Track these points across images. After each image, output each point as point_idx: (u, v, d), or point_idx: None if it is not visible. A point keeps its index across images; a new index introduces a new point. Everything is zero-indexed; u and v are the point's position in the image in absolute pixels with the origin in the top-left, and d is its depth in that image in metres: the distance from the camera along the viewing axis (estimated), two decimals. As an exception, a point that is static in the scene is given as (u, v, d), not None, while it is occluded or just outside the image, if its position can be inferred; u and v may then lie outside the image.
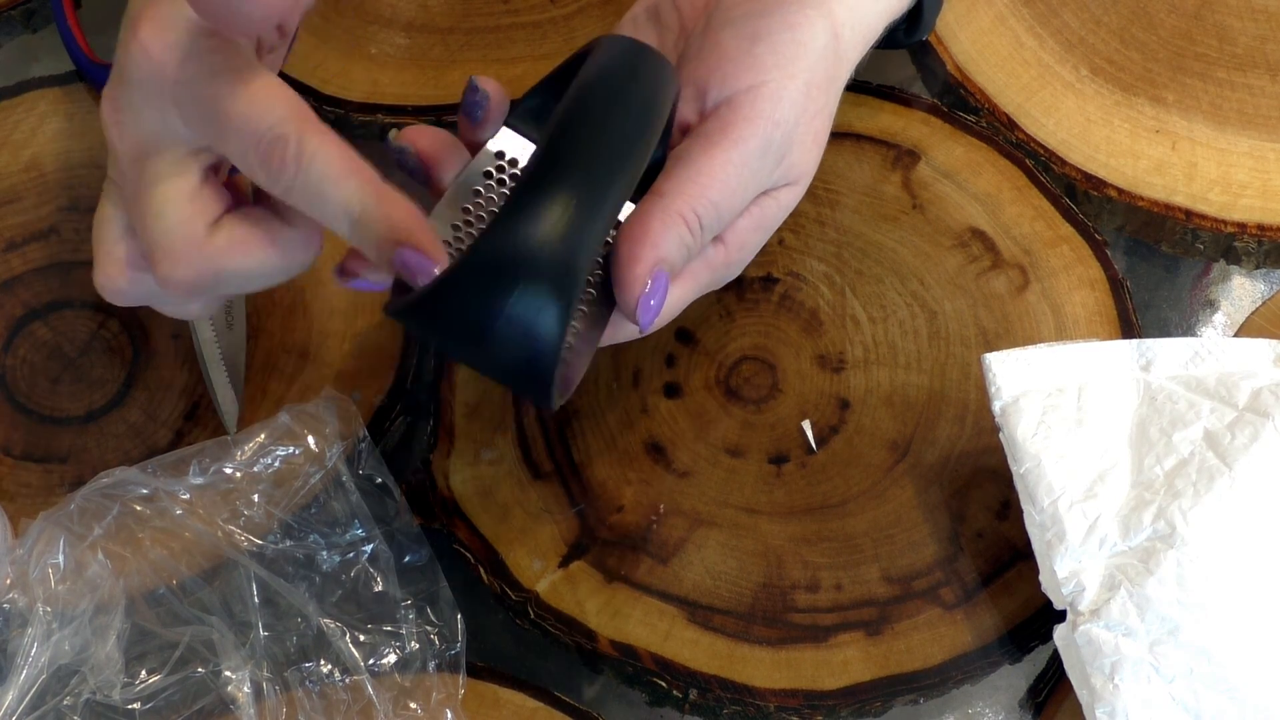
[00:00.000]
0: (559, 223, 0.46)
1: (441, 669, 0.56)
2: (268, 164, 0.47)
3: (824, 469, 0.60)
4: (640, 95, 0.49)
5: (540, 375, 0.47)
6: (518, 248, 0.46)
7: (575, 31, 0.70)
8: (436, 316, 0.47)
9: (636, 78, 0.49)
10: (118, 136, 0.49)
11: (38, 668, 0.54)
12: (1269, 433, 0.54)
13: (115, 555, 0.56)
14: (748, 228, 0.56)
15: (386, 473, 0.59)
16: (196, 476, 0.57)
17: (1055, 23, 0.70)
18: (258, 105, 0.47)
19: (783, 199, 0.57)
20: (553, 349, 0.46)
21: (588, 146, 0.47)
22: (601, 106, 0.48)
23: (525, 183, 0.46)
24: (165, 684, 0.55)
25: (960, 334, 0.63)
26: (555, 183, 0.46)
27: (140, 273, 0.52)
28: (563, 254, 0.46)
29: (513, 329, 0.46)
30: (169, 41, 0.47)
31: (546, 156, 0.47)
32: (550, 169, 0.47)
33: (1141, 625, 0.52)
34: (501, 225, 0.46)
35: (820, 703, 0.55)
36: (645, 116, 0.49)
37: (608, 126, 0.48)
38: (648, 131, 0.49)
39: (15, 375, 0.63)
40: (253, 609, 0.56)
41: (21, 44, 0.73)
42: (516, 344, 0.46)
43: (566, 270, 0.46)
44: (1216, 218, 0.65)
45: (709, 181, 0.52)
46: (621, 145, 0.48)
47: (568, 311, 0.46)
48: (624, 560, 0.58)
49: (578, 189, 0.46)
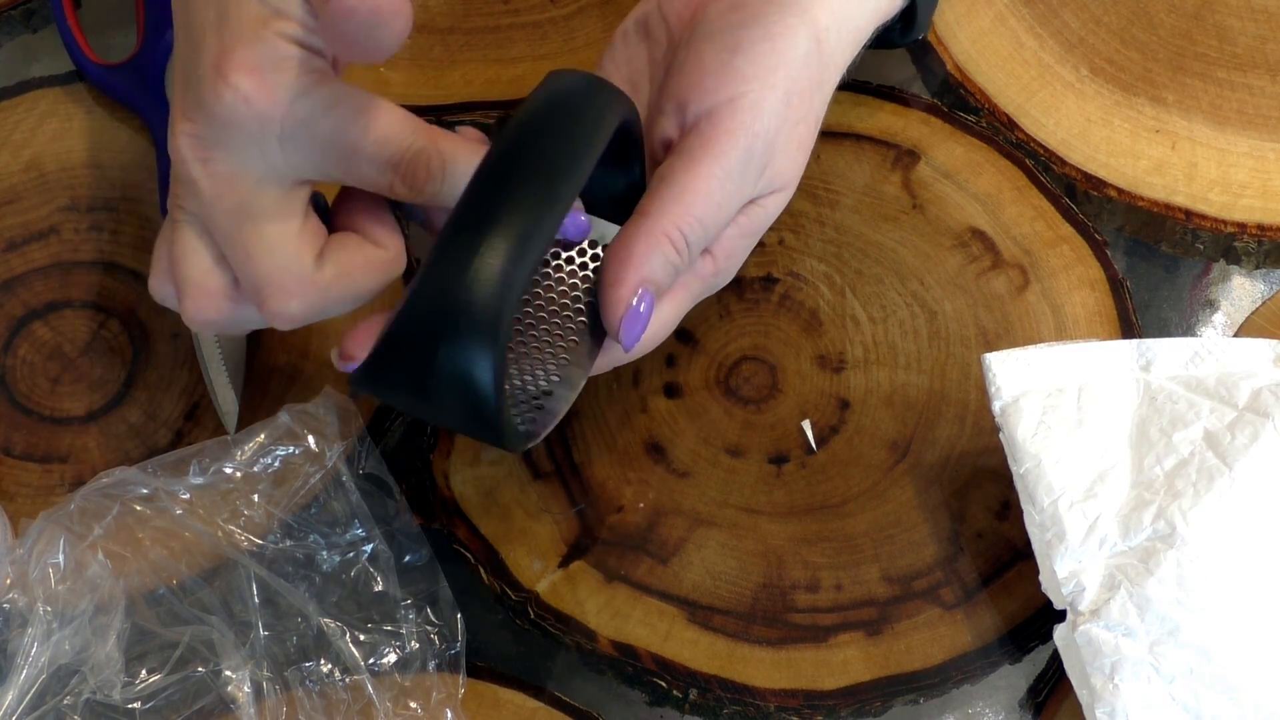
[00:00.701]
0: (479, 272, 0.45)
1: (441, 669, 0.56)
2: (413, 179, 0.50)
3: (824, 469, 0.60)
4: (561, 129, 0.48)
5: (487, 422, 0.48)
6: (439, 302, 0.46)
7: (575, 31, 0.71)
8: (382, 381, 0.48)
9: (559, 110, 0.49)
10: (204, 174, 0.49)
11: (38, 667, 0.54)
12: (1269, 433, 0.54)
13: (115, 555, 0.56)
14: (734, 236, 0.56)
15: (386, 472, 0.59)
16: (196, 476, 0.57)
17: (1055, 23, 0.70)
18: (389, 128, 0.49)
19: (769, 206, 0.57)
20: (489, 397, 0.46)
21: (502, 188, 0.47)
22: (515, 148, 0.47)
23: (443, 234, 0.46)
24: (165, 684, 0.55)
25: (960, 334, 0.63)
26: (469, 230, 0.46)
27: (236, 304, 0.52)
28: (484, 303, 0.45)
29: (446, 383, 0.46)
30: (269, 83, 0.47)
31: (461, 206, 0.47)
32: (463, 216, 0.46)
33: (1141, 625, 0.52)
34: (422, 280, 0.46)
35: (820, 703, 0.55)
36: (565, 151, 0.48)
37: (523, 165, 0.47)
38: (571, 165, 0.48)
39: (15, 375, 0.63)
40: (253, 609, 0.56)
41: (21, 44, 0.73)
42: (455, 396, 0.47)
43: (489, 319, 0.46)
44: (1216, 218, 0.65)
45: (692, 199, 0.52)
46: (539, 183, 0.47)
47: (495, 360, 0.46)
48: (624, 560, 0.58)
49: (493, 235, 0.46)
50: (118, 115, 0.69)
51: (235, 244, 0.50)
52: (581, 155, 0.48)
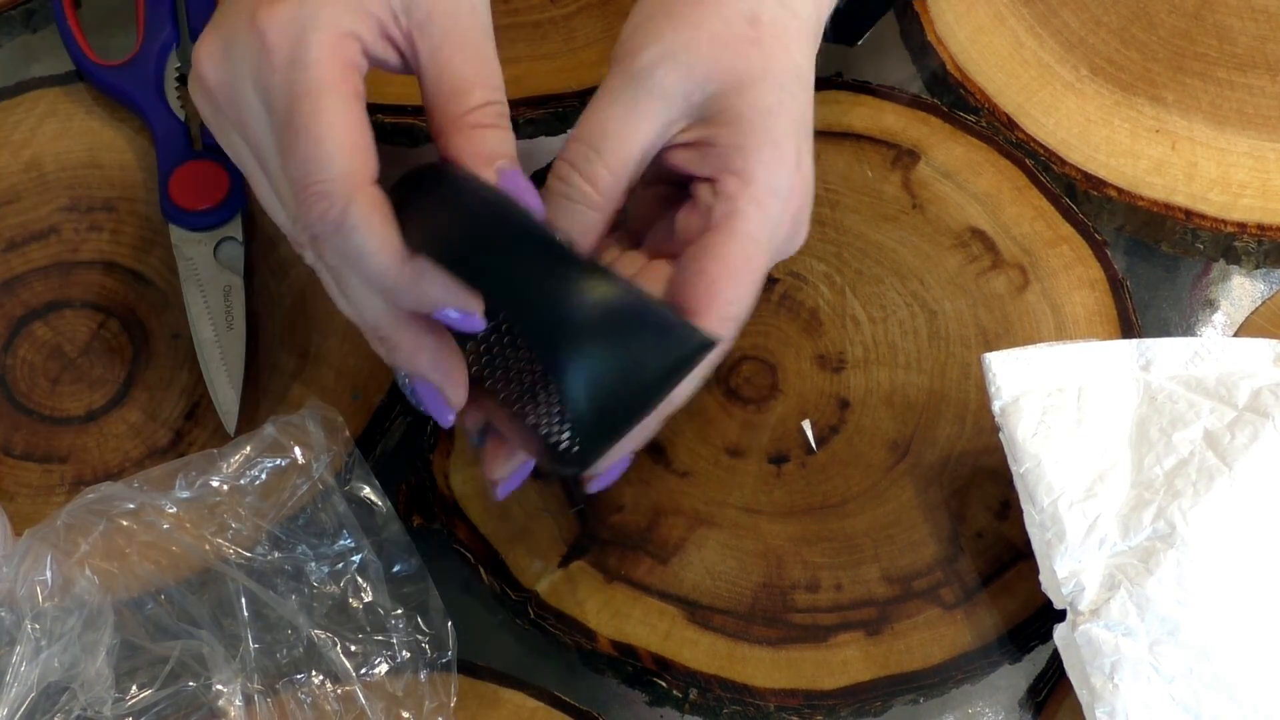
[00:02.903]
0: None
1: (433, 677, 0.56)
2: (304, 210, 0.47)
3: (824, 469, 0.60)
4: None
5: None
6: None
7: (575, 31, 0.71)
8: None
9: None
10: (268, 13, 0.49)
11: (27, 685, 0.53)
12: (1269, 433, 0.54)
13: (103, 571, 0.55)
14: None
15: (374, 482, 0.58)
16: (183, 490, 0.57)
17: (1055, 23, 0.70)
18: (324, 148, 0.47)
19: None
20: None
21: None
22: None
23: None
24: (156, 699, 0.54)
25: (960, 334, 0.63)
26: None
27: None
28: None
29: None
30: (286, 34, 0.47)
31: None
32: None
33: (1141, 625, 0.52)
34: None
35: (820, 703, 0.55)
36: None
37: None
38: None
39: (15, 375, 0.63)
40: (242, 622, 0.55)
41: (21, 44, 0.73)
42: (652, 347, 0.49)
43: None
44: (1216, 218, 0.65)
45: (733, 294, 0.52)
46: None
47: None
48: (624, 560, 0.58)
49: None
50: (118, 115, 0.69)
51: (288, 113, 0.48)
52: None
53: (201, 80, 0.50)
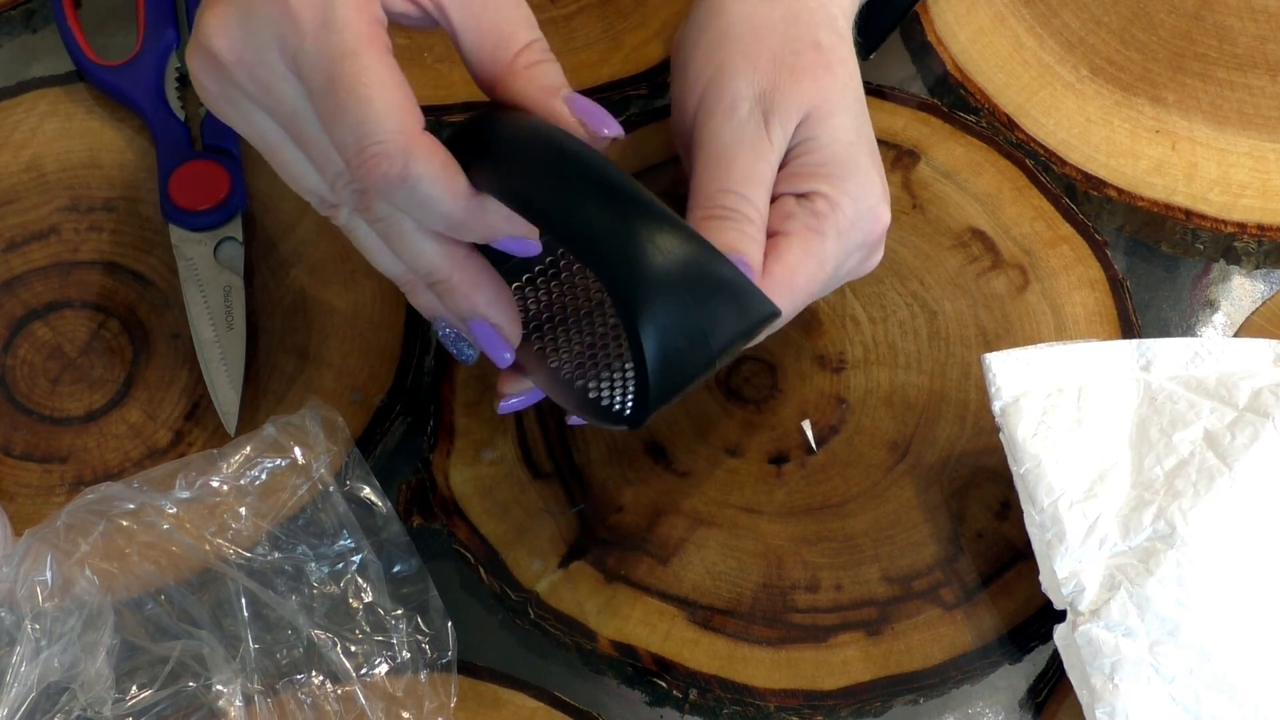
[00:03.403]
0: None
1: (433, 677, 0.56)
2: (365, 171, 0.47)
3: (824, 469, 0.60)
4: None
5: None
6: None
7: (575, 31, 0.71)
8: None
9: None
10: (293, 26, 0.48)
11: (27, 686, 0.53)
12: (1269, 433, 0.54)
13: (103, 571, 0.55)
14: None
15: (374, 482, 0.58)
16: (183, 490, 0.57)
17: (1055, 23, 0.70)
18: (374, 107, 0.47)
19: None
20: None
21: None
22: None
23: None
24: (156, 699, 0.54)
25: (960, 334, 0.63)
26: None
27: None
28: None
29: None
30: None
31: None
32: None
33: (1141, 625, 0.52)
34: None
35: (820, 703, 0.55)
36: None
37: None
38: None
39: (15, 375, 0.63)
40: (242, 622, 0.55)
41: (21, 44, 0.72)
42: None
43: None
44: (1216, 218, 0.65)
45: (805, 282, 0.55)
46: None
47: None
48: (624, 560, 0.58)
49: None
50: (118, 115, 0.69)
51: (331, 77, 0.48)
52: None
53: (214, 55, 0.49)
